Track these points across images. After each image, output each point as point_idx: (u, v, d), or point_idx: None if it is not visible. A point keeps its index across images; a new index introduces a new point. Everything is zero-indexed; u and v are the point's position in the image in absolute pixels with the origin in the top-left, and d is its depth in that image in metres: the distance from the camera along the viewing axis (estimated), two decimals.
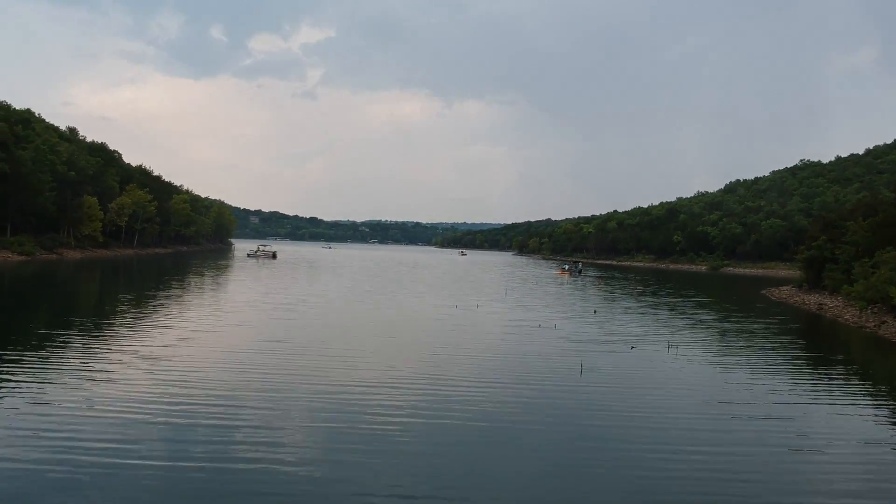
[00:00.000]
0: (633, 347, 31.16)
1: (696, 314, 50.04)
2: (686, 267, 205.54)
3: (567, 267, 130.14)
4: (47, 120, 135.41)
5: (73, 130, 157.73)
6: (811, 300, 64.74)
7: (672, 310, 53.38)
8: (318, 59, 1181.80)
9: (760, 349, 33.15)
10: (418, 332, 34.95)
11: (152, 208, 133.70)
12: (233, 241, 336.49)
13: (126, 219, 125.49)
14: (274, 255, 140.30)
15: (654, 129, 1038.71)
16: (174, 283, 63.93)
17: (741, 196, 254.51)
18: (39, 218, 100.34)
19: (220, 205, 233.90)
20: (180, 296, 49.50)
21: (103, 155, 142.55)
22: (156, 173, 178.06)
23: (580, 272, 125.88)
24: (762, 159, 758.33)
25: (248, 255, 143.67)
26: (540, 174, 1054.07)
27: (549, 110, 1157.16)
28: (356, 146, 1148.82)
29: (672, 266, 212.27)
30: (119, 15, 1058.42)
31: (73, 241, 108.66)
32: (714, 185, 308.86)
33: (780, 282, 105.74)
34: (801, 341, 39.90)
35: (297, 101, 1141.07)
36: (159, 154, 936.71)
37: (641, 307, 54.76)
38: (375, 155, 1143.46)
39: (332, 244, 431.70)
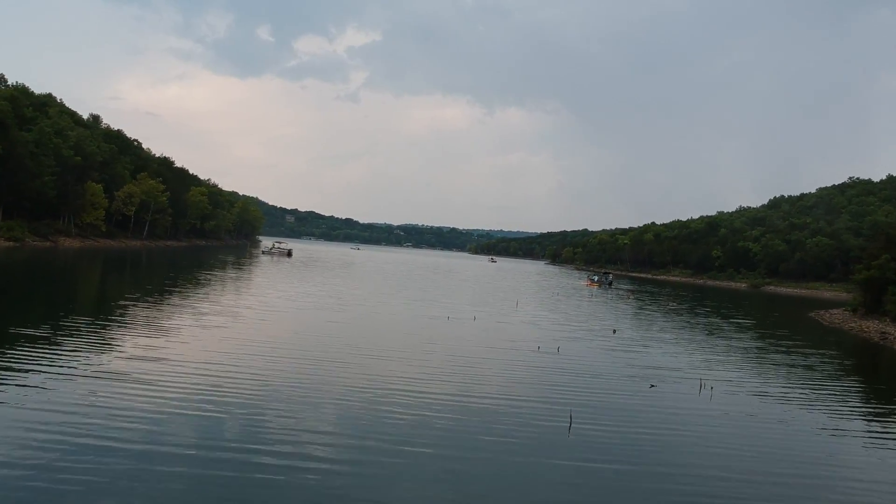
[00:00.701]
0: (652, 386, 23.43)
1: (738, 341, 41.64)
2: (725, 284, 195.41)
3: (596, 278, 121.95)
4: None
5: (96, 118, 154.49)
6: (871, 327, 56.01)
7: (709, 333, 45.13)
8: (363, 62, 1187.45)
9: (822, 394, 25.09)
10: (378, 350, 27.25)
11: (164, 199, 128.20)
12: (262, 238, 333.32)
13: (134, 208, 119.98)
14: (289, 254, 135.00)
15: (695, 143, 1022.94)
16: (156, 278, 57.49)
17: (785, 212, 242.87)
18: (37, 203, 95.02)
19: (245, 200, 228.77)
20: (142, 294, 42.84)
21: (119, 142, 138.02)
22: (179, 164, 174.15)
23: (610, 284, 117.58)
24: (806, 177, 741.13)
25: (263, 253, 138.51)
26: (578, 184, 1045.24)
27: (591, 120, 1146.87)
28: (396, 150, 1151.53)
29: (710, 282, 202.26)
30: (169, 13, 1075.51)
31: (74, 229, 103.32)
32: (755, 202, 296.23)
33: (826, 304, 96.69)
34: (868, 382, 31.76)
35: (340, 103, 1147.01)
36: (203, 151, 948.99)
37: (673, 328, 46.58)
38: (415, 159, 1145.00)
39: (365, 246, 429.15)
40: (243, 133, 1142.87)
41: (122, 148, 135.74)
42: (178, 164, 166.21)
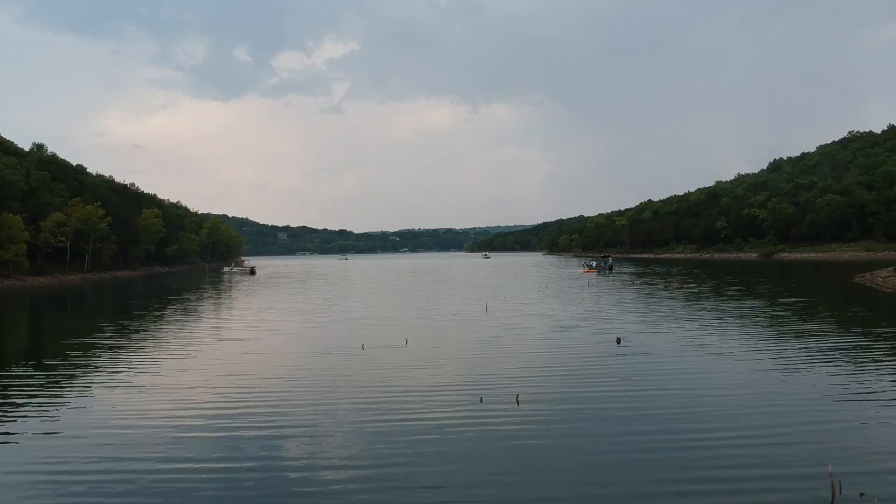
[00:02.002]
0: None
1: (817, 339, 26.64)
2: (734, 255, 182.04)
3: (593, 263, 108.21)
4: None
5: (40, 146, 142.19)
6: None
7: (765, 328, 30.75)
8: (343, 72, 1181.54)
9: None
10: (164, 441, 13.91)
11: (104, 225, 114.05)
12: (245, 258, 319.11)
13: (65, 239, 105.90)
14: (252, 271, 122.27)
15: (684, 119, 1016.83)
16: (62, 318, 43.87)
17: (788, 174, 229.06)
18: None
19: (215, 220, 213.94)
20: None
21: (53, 168, 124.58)
22: (154, 192, 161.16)
23: (610, 269, 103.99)
24: (800, 140, 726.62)
25: (224, 273, 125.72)
26: (571, 173, 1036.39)
27: (577, 108, 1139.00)
28: (386, 157, 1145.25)
29: (717, 255, 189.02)
30: (145, 43, 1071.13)
31: None
32: (753, 169, 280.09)
33: (854, 266, 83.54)
34: None
35: (325, 116, 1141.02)
36: (193, 177, 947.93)
37: (705, 325, 32.32)
38: (405, 164, 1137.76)
39: (360, 255, 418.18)
40: (232, 156, 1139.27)
41: (57, 174, 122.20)
42: (158, 192, 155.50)
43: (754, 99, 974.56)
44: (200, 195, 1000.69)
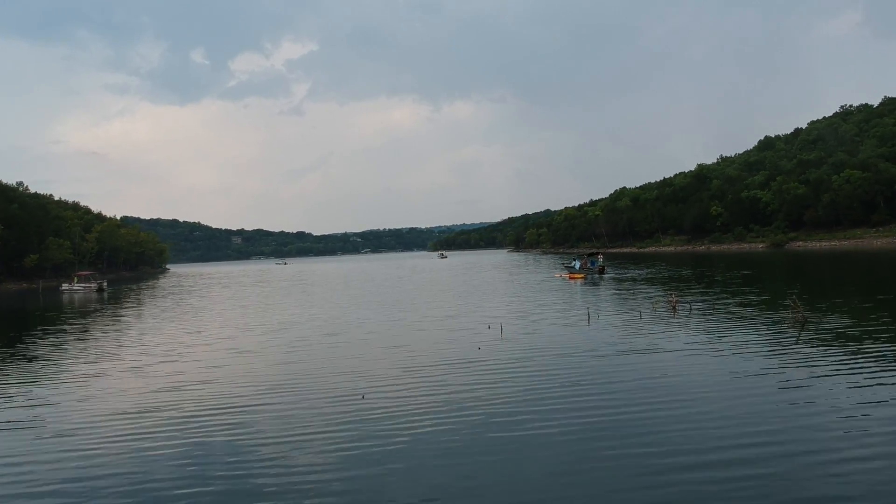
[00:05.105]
0: None
1: None
2: (735, 247, 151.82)
3: (577, 265, 75.14)
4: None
5: None
6: None
7: None
8: (303, 73, 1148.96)
9: None
10: None
11: None
12: (170, 266, 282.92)
13: None
14: (99, 289, 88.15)
15: (650, 111, 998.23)
16: None
17: (784, 151, 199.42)
18: None
19: (110, 222, 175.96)
20: None
21: None
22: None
23: (601, 271, 71.75)
24: (759, 129, 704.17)
25: (62, 291, 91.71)
26: (537, 169, 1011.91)
27: (540, 104, 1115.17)
28: (348, 158, 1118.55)
29: (714, 247, 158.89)
30: (99, 48, 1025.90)
31: None
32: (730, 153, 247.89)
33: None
34: None
35: (285, 117, 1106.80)
36: (154, 184, 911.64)
37: None
38: (368, 165, 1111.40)
39: (311, 258, 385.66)
40: (191, 161, 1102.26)
41: None
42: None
43: (714, 89, 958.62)
44: (160, 201, 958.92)
